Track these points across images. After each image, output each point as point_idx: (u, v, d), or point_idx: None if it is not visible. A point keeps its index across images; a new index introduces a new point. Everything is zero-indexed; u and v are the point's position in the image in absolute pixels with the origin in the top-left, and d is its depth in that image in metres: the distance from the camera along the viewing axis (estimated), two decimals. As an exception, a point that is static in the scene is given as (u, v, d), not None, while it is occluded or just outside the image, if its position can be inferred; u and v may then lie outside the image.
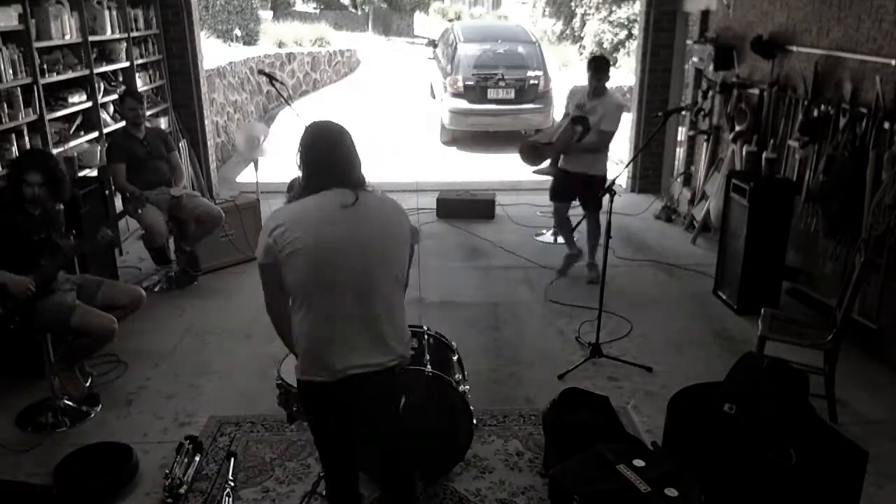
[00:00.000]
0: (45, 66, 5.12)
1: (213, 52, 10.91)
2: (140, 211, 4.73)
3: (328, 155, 2.29)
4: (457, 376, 3.15)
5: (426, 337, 3.22)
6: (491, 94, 10.38)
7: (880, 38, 4.23)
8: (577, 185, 5.29)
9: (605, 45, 18.83)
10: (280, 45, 15.56)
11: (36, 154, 3.91)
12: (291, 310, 2.30)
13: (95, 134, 5.79)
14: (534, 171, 6.68)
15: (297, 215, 2.23)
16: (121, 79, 6.41)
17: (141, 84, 6.55)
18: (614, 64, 18.11)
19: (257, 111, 12.11)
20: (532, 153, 5.75)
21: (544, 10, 23.44)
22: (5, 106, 4.59)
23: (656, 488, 2.40)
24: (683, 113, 6.91)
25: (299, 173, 2.33)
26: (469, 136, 10.60)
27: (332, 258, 2.20)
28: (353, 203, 2.22)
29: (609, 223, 4.12)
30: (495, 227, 6.70)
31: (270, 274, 2.26)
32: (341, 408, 2.34)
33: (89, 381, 3.93)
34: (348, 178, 2.28)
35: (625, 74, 15.48)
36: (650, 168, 7.81)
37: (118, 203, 5.75)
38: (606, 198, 4.06)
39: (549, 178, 6.65)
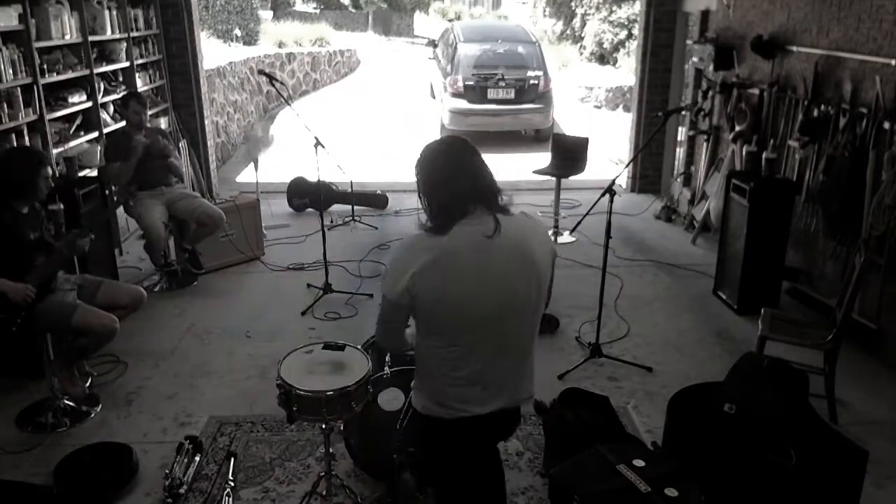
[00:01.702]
0: (45, 66, 5.12)
1: (213, 52, 10.91)
2: (131, 203, 4.66)
3: (458, 170, 2.06)
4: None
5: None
6: (491, 94, 10.38)
7: (880, 38, 4.23)
8: None
9: (605, 45, 18.85)
10: (280, 45, 15.56)
11: (32, 149, 3.86)
12: (417, 337, 2.16)
13: (95, 134, 5.79)
14: (534, 171, 6.70)
15: (435, 258, 2.00)
16: (121, 79, 6.41)
17: (141, 84, 6.55)
18: (614, 64, 18.17)
19: (257, 111, 12.11)
20: None
21: (544, 10, 23.45)
22: (5, 106, 4.59)
23: (656, 488, 2.39)
24: (683, 113, 6.91)
25: (425, 206, 2.10)
26: (469, 136, 10.60)
27: (471, 306, 2.02)
28: (491, 235, 2.01)
29: (609, 223, 4.12)
30: (495, 227, 6.68)
31: (398, 313, 2.10)
32: (460, 447, 2.21)
33: (89, 381, 3.93)
34: (486, 198, 2.07)
35: (625, 74, 15.50)
36: (650, 168, 7.80)
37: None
38: (606, 198, 4.05)
39: (550, 177, 6.67)
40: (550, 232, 6.41)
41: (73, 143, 5.45)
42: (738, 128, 5.72)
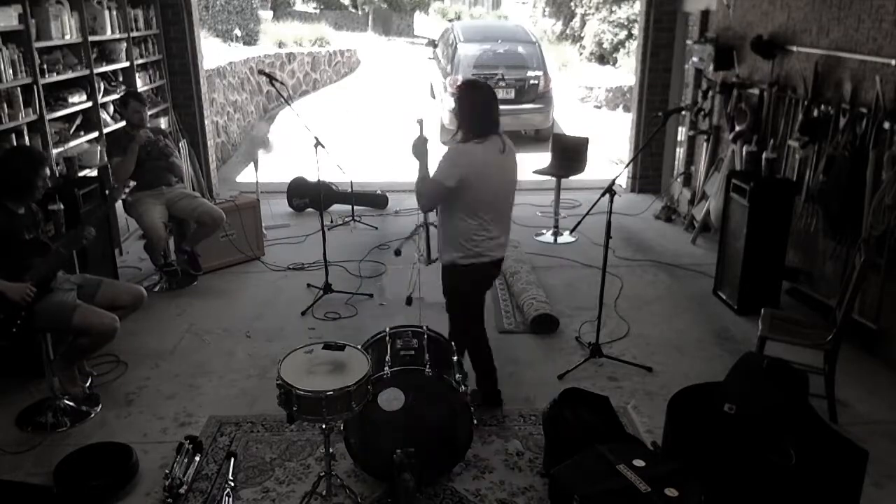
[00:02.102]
0: (45, 66, 5.12)
1: (213, 52, 10.91)
2: (129, 199, 4.65)
3: (489, 106, 3.30)
4: (457, 376, 3.15)
5: (426, 337, 3.22)
6: (491, 94, 10.38)
7: (880, 38, 4.23)
8: None
9: (605, 45, 18.86)
10: (280, 45, 15.57)
11: (33, 149, 3.84)
12: (451, 217, 3.37)
13: (95, 134, 5.78)
14: (534, 171, 6.69)
15: (476, 160, 3.25)
16: (121, 79, 6.41)
17: (141, 84, 6.55)
18: (614, 64, 18.18)
19: (257, 111, 12.11)
20: None
21: (544, 10, 23.48)
22: (5, 106, 4.59)
23: (656, 488, 2.40)
24: (683, 113, 6.91)
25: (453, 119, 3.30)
26: (469, 136, 10.62)
27: (491, 189, 3.33)
28: (503, 151, 3.32)
29: (609, 223, 4.12)
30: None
31: (446, 192, 3.27)
32: (486, 276, 3.55)
33: (89, 381, 3.93)
34: (497, 126, 3.33)
35: (625, 74, 15.50)
36: (650, 168, 7.81)
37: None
38: (606, 198, 4.05)
39: (550, 177, 6.68)
40: (550, 232, 6.45)
41: (73, 143, 5.45)
42: (738, 128, 5.72)
